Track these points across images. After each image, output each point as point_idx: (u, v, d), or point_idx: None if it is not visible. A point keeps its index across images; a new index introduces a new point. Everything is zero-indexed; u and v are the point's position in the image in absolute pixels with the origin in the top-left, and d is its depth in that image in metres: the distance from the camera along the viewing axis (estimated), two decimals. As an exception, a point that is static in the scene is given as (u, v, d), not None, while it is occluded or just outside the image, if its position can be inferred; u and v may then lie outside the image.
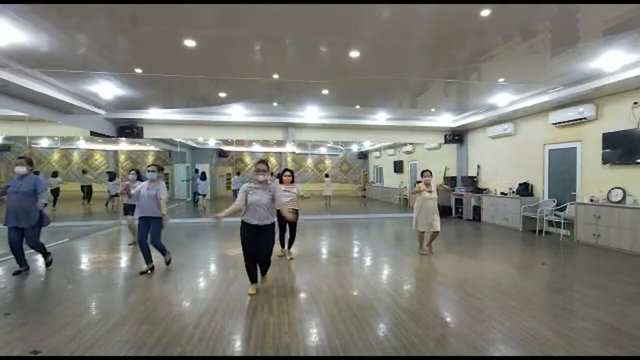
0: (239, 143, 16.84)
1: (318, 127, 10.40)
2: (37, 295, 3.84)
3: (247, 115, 9.43)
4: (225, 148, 17.63)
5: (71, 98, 6.91)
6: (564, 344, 2.66)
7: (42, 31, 4.03)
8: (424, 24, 3.95)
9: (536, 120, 8.13)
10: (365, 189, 20.39)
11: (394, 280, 4.46)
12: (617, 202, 6.00)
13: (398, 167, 16.03)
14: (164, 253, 4.85)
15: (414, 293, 3.95)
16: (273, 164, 18.87)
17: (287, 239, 5.45)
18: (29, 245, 4.56)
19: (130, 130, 9.46)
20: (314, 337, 2.80)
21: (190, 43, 4.42)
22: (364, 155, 20.84)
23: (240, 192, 3.68)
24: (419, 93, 7.37)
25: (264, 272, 4.03)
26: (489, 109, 8.74)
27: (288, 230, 5.40)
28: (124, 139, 10.41)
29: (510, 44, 4.50)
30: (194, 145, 16.29)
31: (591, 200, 6.46)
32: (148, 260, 4.59)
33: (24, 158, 4.54)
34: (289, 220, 5.21)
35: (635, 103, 5.90)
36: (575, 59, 5.08)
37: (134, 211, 4.83)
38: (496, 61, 5.12)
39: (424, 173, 5.57)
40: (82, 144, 15.62)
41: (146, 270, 4.54)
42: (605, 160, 6.35)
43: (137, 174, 5.75)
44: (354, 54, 4.82)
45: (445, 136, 11.14)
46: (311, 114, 9.46)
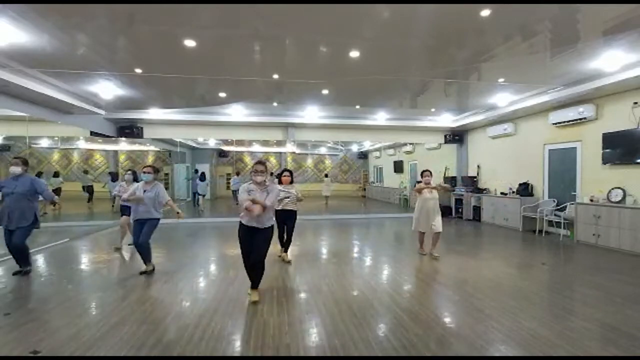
0: (239, 143, 16.85)
1: (318, 127, 10.41)
2: (37, 295, 3.84)
3: (247, 115, 9.44)
4: (225, 148, 17.64)
5: (71, 98, 6.92)
6: (564, 344, 2.66)
7: (42, 31, 4.03)
8: (424, 24, 3.95)
9: (536, 120, 8.13)
10: (365, 189, 20.40)
11: (394, 280, 4.46)
12: (617, 202, 6.00)
13: (398, 167, 16.04)
14: (147, 258, 4.55)
15: (414, 293, 3.95)
16: (273, 164, 18.87)
17: (285, 241, 5.36)
18: (14, 245, 4.30)
19: (130, 130, 9.46)
20: (314, 337, 2.80)
21: (190, 43, 4.43)
22: (364, 155, 20.84)
23: (242, 192, 3.51)
24: (419, 93, 7.38)
25: (254, 283, 3.58)
26: (489, 109, 8.73)
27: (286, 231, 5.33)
28: (124, 139, 10.42)
29: (510, 44, 4.50)
30: (194, 145, 16.28)
31: (591, 200, 6.46)
32: (148, 259, 4.57)
33: (19, 158, 4.44)
34: (286, 222, 5.25)
35: (635, 103, 5.90)
36: (575, 59, 5.08)
37: (129, 211, 4.77)
38: (496, 61, 5.12)
39: (424, 173, 5.56)
40: (82, 144, 15.62)
41: (146, 270, 4.53)
42: (605, 160, 6.35)
43: (133, 174, 5.71)
44: (354, 54, 4.82)
45: (445, 136, 11.14)
46: (311, 114, 9.46)
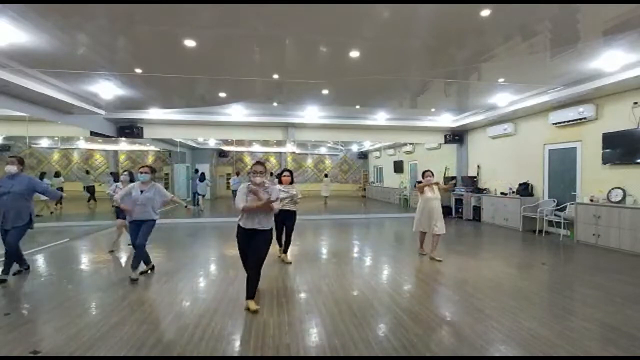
0: (239, 143, 16.85)
1: (318, 127, 10.41)
2: (37, 295, 3.83)
3: (247, 115, 9.44)
4: (225, 148, 17.64)
5: (71, 98, 6.92)
6: (564, 344, 2.66)
7: (42, 31, 4.04)
8: (424, 24, 3.95)
9: (536, 120, 8.13)
10: (365, 189, 20.41)
11: (394, 280, 4.46)
12: (617, 202, 5.99)
13: (398, 167, 16.04)
14: (146, 262, 4.47)
15: (414, 293, 3.95)
16: (273, 164, 18.88)
17: (284, 242, 5.34)
18: (8, 244, 4.19)
19: (130, 130, 9.47)
20: (314, 337, 2.80)
21: (190, 43, 4.43)
22: (364, 155, 20.85)
23: (240, 193, 3.38)
24: (419, 93, 7.38)
25: (250, 293, 3.34)
26: (489, 109, 8.73)
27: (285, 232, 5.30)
28: (124, 139, 10.44)
29: (510, 44, 4.50)
30: (194, 145, 16.28)
31: (591, 200, 6.46)
32: (147, 261, 4.55)
33: (15, 157, 4.34)
34: (286, 222, 5.24)
35: (635, 103, 5.90)
36: (575, 59, 5.08)
37: (124, 214, 4.70)
38: (496, 61, 5.12)
39: (425, 173, 5.50)
40: (82, 144, 15.64)
41: (146, 270, 4.54)
42: (605, 160, 6.35)
43: (130, 175, 5.67)
44: (354, 54, 4.82)
45: (445, 136, 11.14)
46: (311, 114, 9.46)
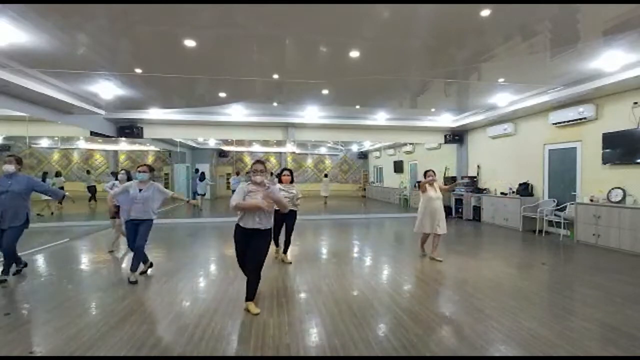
0: (239, 143, 16.86)
1: (318, 127, 10.41)
2: (37, 295, 3.83)
3: (247, 115, 9.44)
4: (225, 148, 17.65)
5: (71, 98, 6.92)
6: (564, 344, 2.66)
7: (42, 31, 4.04)
8: (424, 24, 3.95)
9: (536, 120, 8.12)
10: (365, 189, 20.41)
11: (394, 280, 4.46)
12: (617, 202, 5.99)
13: (398, 167, 16.04)
14: (144, 261, 4.46)
15: (414, 293, 3.94)
16: (273, 164, 18.88)
17: (284, 242, 5.31)
18: (5, 244, 4.17)
19: (130, 130, 9.47)
20: (314, 337, 2.80)
21: (190, 43, 4.43)
22: (364, 155, 20.85)
23: (238, 192, 3.30)
24: (419, 93, 7.38)
25: (250, 295, 3.30)
26: (489, 109, 8.73)
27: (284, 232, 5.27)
28: (124, 139, 10.44)
29: (510, 44, 4.50)
30: (194, 145, 16.29)
31: (591, 200, 6.46)
32: (144, 260, 4.52)
33: (13, 156, 4.29)
34: (286, 222, 5.23)
35: (635, 103, 5.90)
36: (575, 59, 5.08)
37: (124, 213, 4.69)
38: (496, 61, 5.12)
39: (427, 173, 5.43)
40: (82, 144, 15.65)
41: (145, 270, 4.54)
42: (605, 160, 6.35)
43: (127, 174, 5.65)
44: (354, 54, 4.82)
45: (445, 136, 11.14)
46: (311, 114, 9.46)
